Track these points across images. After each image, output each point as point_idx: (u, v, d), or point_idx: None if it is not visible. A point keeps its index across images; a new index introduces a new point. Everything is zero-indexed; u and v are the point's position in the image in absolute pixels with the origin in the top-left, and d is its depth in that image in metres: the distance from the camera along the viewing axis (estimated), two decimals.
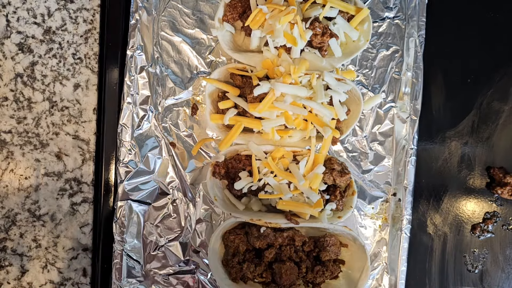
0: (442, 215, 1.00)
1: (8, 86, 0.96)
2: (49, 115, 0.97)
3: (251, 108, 0.88)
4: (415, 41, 0.97)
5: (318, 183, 0.88)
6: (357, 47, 0.95)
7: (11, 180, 0.96)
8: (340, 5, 0.91)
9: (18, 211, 0.96)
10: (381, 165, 0.97)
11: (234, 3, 0.92)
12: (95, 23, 0.98)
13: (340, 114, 0.90)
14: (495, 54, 1.02)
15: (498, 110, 1.01)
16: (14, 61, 0.97)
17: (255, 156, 0.90)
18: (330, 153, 0.97)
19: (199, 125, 0.97)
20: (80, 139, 0.97)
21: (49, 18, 0.97)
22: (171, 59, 0.97)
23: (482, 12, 1.02)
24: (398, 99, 0.98)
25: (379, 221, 0.98)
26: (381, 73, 0.98)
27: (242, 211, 0.92)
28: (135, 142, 0.95)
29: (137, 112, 0.95)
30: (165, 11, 0.97)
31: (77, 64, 0.98)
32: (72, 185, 0.97)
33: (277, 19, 0.86)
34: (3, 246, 0.96)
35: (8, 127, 0.96)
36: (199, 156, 0.96)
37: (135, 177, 0.95)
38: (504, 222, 1.01)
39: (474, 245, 1.00)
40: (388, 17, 0.99)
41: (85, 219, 0.97)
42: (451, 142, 1.01)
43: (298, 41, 0.88)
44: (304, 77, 0.88)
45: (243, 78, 0.92)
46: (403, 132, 0.97)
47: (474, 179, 1.01)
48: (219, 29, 0.93)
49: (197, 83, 0.97)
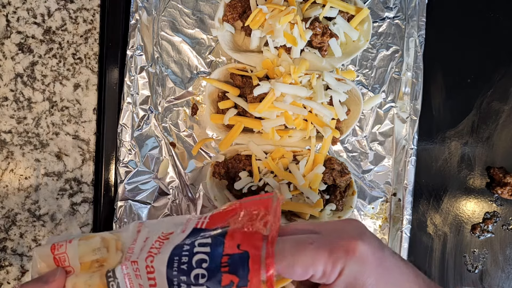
0: (442, 215, 1.00)
1: (8, 86, 0.96)
2: (49, 115, 0.97)
3: (251, 108, 0.88)
4: (415, 41, 0.97)
5: (318, 183, 0.88)
6: (357, 47, 0.95)
7: (11, 180, 0.96)
8: (340, 5, 0.91)
9: (18, 211, 0.96)
10: (381, 165, 0.97)
11: (234, 3, 0.92)
12: (95, 23, 0.98)
13: (340, 114, 0.90)
14: (495, 54, 1.02)
15: (498, 110, 1.01)
16: (14, 61, 0.97)
17: (255, 156, 0.90)
18: (330, 153, 0.97)
19: (199, 125, 0.97)
20: (80, 139, 0.97)
21: (49, 18, 0.97)
22: (171, 59, 0.97)
23: (482, 12, 1.02)
24: (398, 99, 0.98)
25: (379, 221, 0.98)
26: (381, 73, 0.98)
27: None
28: (135, 142, 0.95)
29: (137, 112, 0.95)
30: (165, 11, 0.97)
31: (77, 64, 0.98)
32: (72, 185, 0.97)
33: (277, 19, 0.86)
34: (3, 246, 0.96)
35: (8, 127, 0.96)
36: (199, 156, 0.96)
37: (135, 177, 0.95)
38: (504, 222, 1.01)
39: (474, 245, 1.00)
40: (388, 17, 0.99)
41: (85, 219, 0.97)
42: (451, 142, 1.01)
43: (298, 41, 0.88)
44: (304, 77, 0.88)
45: (243, 78, 0.92)
46: (403, 132, 0.97)
47: (474, 179, 1.01)
48: (219, 29, 0.93)
49: (197, 83, 0.97)
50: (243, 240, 0.56)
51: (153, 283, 0.58)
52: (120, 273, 0.61)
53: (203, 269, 0.56)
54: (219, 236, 0.58)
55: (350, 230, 0.56)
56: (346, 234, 0.55)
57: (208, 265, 0.56)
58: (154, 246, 0.61)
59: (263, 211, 0.59)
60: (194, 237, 0.60)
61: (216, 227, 0.60)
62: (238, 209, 0.62)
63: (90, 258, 0.64)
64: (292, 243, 0.54)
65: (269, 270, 0.52)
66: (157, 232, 0.64)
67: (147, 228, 0.66)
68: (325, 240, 0.54)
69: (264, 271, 0.53)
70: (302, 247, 0.53)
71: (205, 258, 0.56)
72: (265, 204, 0.61)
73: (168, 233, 0.63)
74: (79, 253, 0.64)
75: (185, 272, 0.56)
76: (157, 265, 0.58)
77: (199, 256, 0.57)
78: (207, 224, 0.62)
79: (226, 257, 0.55)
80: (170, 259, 0.58)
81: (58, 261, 0.64)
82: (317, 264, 0.52)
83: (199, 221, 0.63)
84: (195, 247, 0.58)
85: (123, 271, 0.61)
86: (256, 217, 0.59)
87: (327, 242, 0.54)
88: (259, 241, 0.55)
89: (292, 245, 0.54)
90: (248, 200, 0.64)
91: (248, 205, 0.62)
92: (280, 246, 0.54)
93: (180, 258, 0.57)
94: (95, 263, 0.64)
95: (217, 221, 0.62)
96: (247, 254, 0.55)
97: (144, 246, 0.62)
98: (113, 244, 0.65)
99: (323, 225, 0.58)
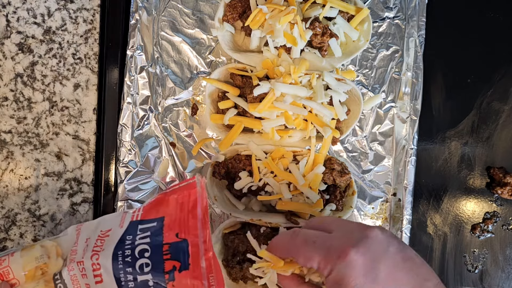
0: (442, 215, 1.00)
1: (8, 86, 0.96)
2: (49, 115, 0.97)
3: (251, 108, 0.88)
4: (415, 41, 0.97)
5: (318, 183, 0.88)
6: (357, 47, 0.95)
7: (11, 180, 0.96)
8: (340, 5, 0.91)
9: (18, 211, 0.96)
10: (381, 165, 0.97)
11: (234, 3, 0.92)
12: (95, 23, 0.98)
13: (340, 114, 0.90)
14: (495, 54, 1.02)
15: (498, 110, 1.01)
16: (14, 61, 0.97)
17: (255, 156, 0.90)
18: (330, 153, 0.97)
19: (199, 125, 0.97)
20: (80, 139, 0.97)
21: (49, 18, 0.97)
22: (171, 59, 0.97)
23: (482, 12, 1.02)
24: (398, 99, 0.98)
25: (379, 221, 0.98)
26: (381, 73, 0.98)
27: (242, 211, 0.92)
28: (135, 142, 0.95)
29: (137, 112, 0.95)
30: (165, 11, 0.97)
31: (77, 64, 0.98)
32: (72, 185, 0.97)
33: (277, 19, 0.86)
34: (3, 246, 0.96)
35: (8, 127, 0.96)
36: (199, 156, 0.96)
37: (135, 177, 0.95)
38: (504, 222, 1.01)
39: (474, 245, 1.00)
40: (388, 17, 0.99)
41: (85, 219, 0.97)
42: (451, 142, 1.01)
43: (298, 41, 0.88)
44: (304, 77, 0.88)
45: (243, 78, 0.92)
46: (403, 132, 0.97)
47: (474, 179, 1.01)
48: (219, 29, 0.93)
49: (197, 83, 0.97)
50: (180, 229, 0.62)
51: (99, 280, 0.62)
52: (67, 275, 0.65)
53: (146, 258, 0.61)
54: (157, 228, 0.63)
55: (354, 237, 0.64)
56: (348, 239, 0.64)
57: (150, 255, 0.61)
58: (97, 244, 0.65)
59: (192, 196, 0.65)
60: (133, 229, 0.65)
61: (152, 219, 0.65)
62: (167, 198, 0.67)
63: (33, 265, 0.68)
64: (302, 238, 0.67)
65: (207, 253, 0.60)
66: (96, 231, 0.68)
67: (85, 230, 0.70)
68: (328, 241, 0.65)
69: (202, 253, 0.60)
70: (307, 244, 0.66)
71: (146, 248, 0.62)
72: (190, 188, 0.66)
73: (106, 231, 0.67)
74: (22, 263, 0.68)
75: (129, 264, 0.61)
76: (102, 262, 0.62)
77: (141, 247, 0.62)
78: (142, 215, 0.67)
79: (167, 245, 0.61)
80: (114, 254, 0.62)
81: (2, 275, 0.68)
82: (313, 260, 0.64)
83: (134, 214, 0.68)
84: (136, 240, 0.63)
85: (70, 272, 0.64)
86: (186, 204, 0.65)
87: (328, 244, 0.64)
88: (194, 228, 0.62)
89: (301, 240, 0.67)
90: (174, 187, 0.68)
91: (175, 192, 0.68)
92: (293, 238, 0.68)
93: (123, 252, 0.62)
94: (38, 271, 0.68)
95: (151, 212, 0.67)
96: (186, 242, 0.61)
97: (86, 247, 0.66)
98: (54, 250, 0.69)
99: (339, 226, 0.67)
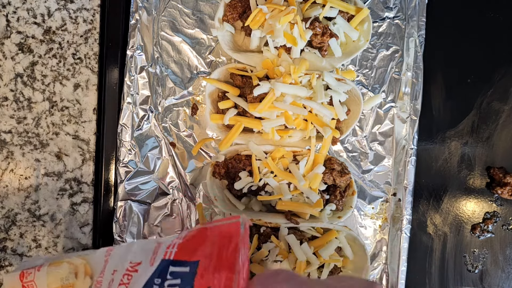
0: (442, 215, 1.00)
1: (8, 86, 0.96)
2: (49, 115, 0.97)
3: (251, 108, 0.88)
4: (415, 41, 0.97)
5: (318, 183, 0.88)
6: (357, 47, 0.95)
7: (11, 180, 0.96)
8: (340, 5, 0.91)
9: (18, 211, 0.96)
10: (381, 165, 0.97)
11: (234, 3, 0.92)
12: (95, 23, 0.98)
13: (340, 114, 0.90)
14: (495, 54, 1.02)
15: (498, 110, 1.01)
16: (14, 61, 0.97)
17: (255, 156, 0.90)
18: (330, 153, 0.97)
19: (199, 125, 0.97)
20: (80, 139, 0.97)
21: (49, 18, 0.97)
22: (171, 59, 0.97)
23: (482, 12, 1.02)
24: (398, 99, 0.98)
25: (379, 221, 0.98)
26: (381, 73, 0.98)
27: (242, 211, 0.92)
28: (135, 142, 0.95)
29: (137, 112, 0.95)
30: (165, 11, 0.97)
31: (77, 64, 0.98)
32: (72, 185, 0.97)
33: (277, 19, 0.86)
34: (3, 246, 0.96)
35: (8, 127, 0.96)
36: (199, 156, 0.96)
37: (135, 177, 0.95)
38: (504, 222, 1.01)
39: (474, 245, 1.00)
40: (388, 17, 0.99)
41: (85, 219, 0.97)
42: (451, 142, 1.01)
43: (298, 41, 0.88)
44: (304, 77, 0.88)
45: (243, 78, 0.92)
46: (403, 132, 0.97)
47: (474, 179, 1.01)
48: (219, 29, 0.93)
49: (197, 83, 0.97)
50: (213, 281, 0.58)
51: None
52: None
53: None
54: (189, 276, 0.59)
55: None
56: None
57: None
58: (123, 281, 0.62)
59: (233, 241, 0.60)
60: (163, 271, 0.61)
61: (185, 261, 0.61)
62: (205, 235, 0.63)
63: (58, 284, 0.66)
64: None
65: None
66: (125, 262, 0.65)
67: (115, 257, 0.67)
68: None
69: None
70: None
71: None
72: (233, 230, 0.62)
73: (136, 263, 0.64)
74: (47, 281, 0.66)
75: None
76: None
77: None
78: (176, 254, 0.63)
79: None
80: None
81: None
82: None
83: (167, 250, 0.64)
84: (164, 287, 0.59)
85: None
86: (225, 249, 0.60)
87: None
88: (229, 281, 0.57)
89: None
90: (215, 223, 0.64)
91: (216, 230, 0.63)
92: None
93: None
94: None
95: (186, 251, 0.63)
96: None
97: (112, 281, 0.64)
98: (82, 269, 0.68)
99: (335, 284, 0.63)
